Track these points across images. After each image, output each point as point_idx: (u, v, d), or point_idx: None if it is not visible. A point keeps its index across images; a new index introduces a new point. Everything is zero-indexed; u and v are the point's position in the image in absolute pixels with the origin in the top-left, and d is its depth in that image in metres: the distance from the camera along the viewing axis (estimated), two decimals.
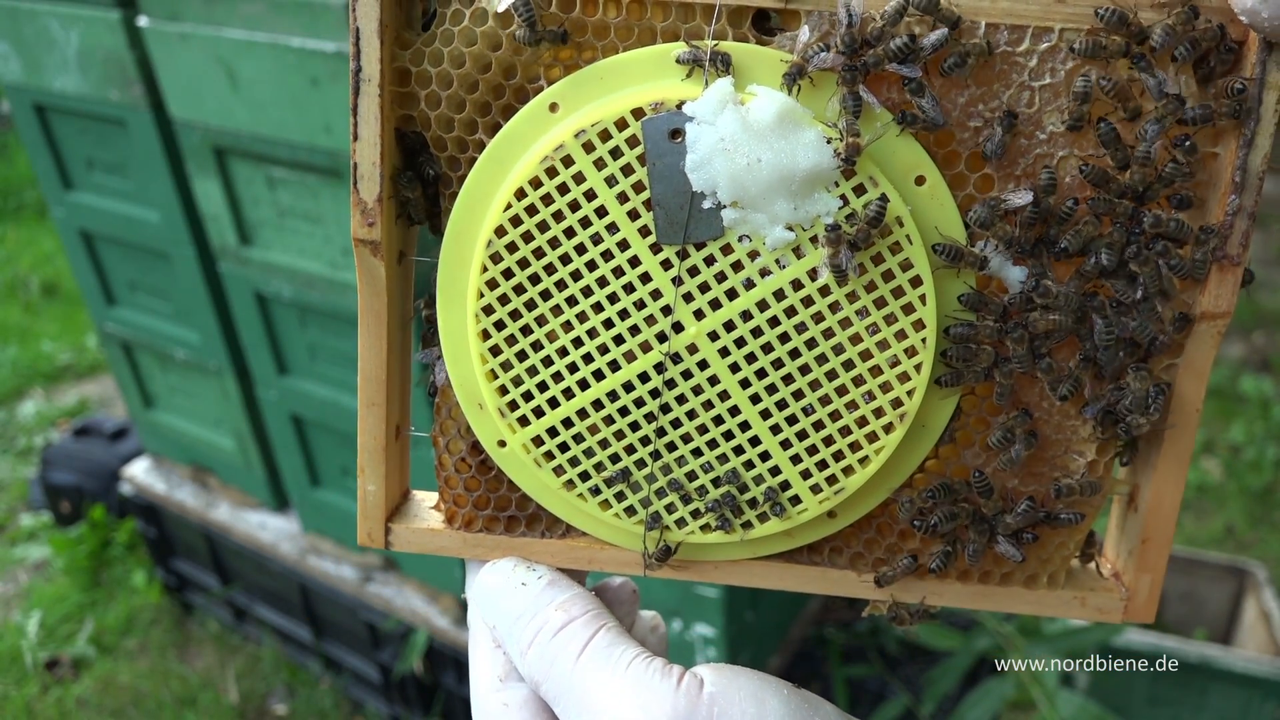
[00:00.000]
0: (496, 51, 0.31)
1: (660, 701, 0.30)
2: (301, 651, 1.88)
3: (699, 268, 0.31)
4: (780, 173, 0.28)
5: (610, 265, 0.31)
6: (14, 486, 2.49)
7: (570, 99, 0.30)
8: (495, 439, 0.35)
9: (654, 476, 0.33)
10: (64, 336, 3.12)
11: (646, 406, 0.32)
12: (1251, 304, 2.96)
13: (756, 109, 0.29)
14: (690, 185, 0.29)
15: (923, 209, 0.29)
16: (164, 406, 1.87)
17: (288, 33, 1.16)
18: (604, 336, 0.32)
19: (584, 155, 0.30)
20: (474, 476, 0.36)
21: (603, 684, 0.31)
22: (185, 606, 2.07)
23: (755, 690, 0.31)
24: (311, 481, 1.65)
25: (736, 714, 0.30)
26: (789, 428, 0.32)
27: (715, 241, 0.30)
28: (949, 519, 0.32)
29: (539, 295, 0.32)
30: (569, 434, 0.33)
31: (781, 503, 0.32)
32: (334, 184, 1.26)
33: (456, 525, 0.37)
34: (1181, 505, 1.89)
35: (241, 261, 1.44)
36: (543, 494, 0.35)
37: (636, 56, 0.30)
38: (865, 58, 0.28)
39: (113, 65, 1.42)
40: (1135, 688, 1.67)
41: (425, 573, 1.58)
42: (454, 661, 1.57)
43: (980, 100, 0.29)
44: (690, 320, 0.31)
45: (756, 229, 0.29)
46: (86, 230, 1.68)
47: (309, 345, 1.47)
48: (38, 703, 1.87)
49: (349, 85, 0.32)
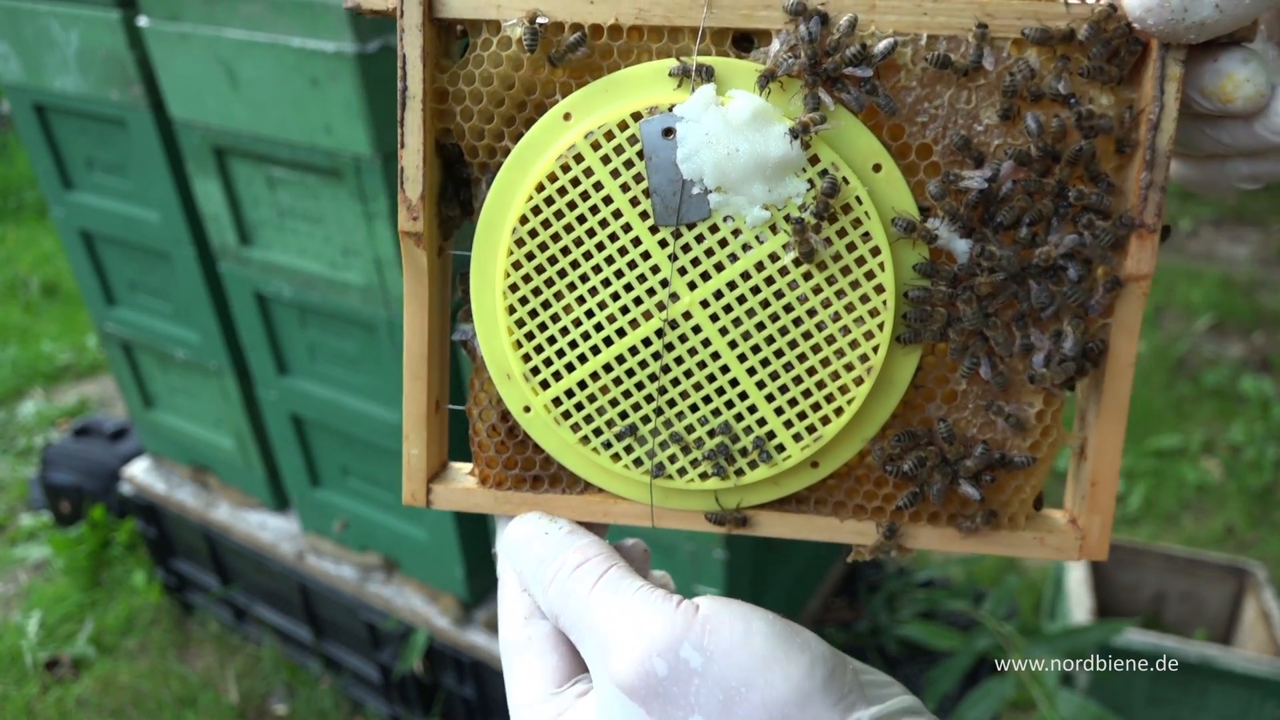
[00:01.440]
0: (518, 72, 0.38)
1: (658, 621, 0.35)
2: (301, 651, 1.88)
3: (691, 245, 0.37)
4: (756, 160, 0.35)
5: (616, 245, 0.37)
6: (14, 486, 2.48)
7: (581, 108, 0.38)
8: (521, 405, 0.41)
9: (657, 430, 0.39)
10: (64, 336, 3.12)
11: (650, 368, 0.38)
12: (1251, 304, 2.96)
13: (734, 108, 0.36)
14: (681, 174, 0.36)
15: (880, 192, 0.36)
16: (164, 406, 1.87)
17: (288, 33, 1.16)
18: (612, 307, 0.38)
19: (592, 152, 0.37)
20: (503, 442, 0.42)
21: (609, 609, 0.36)
22: (185, 606, 2.07)
23: (744, 614, 0.35)
24: (311, 481, 1.65)
25: (726, 632, 0.34)
26: (772, 382, 0.38)
27: (704, 221, 0.37)
28: (917, 464, 0.38)
29: (556, 273, 0.38)
30: (584, 394, 0.39)
31: (768, 450, 0.39)
32: (334, 184, 1.26)
33: (489, 485, 0.44)
34: (1181, 505, 1.90)
35: (241, 261, 1.44)
36: (563, 452, 0.41)
37: (636, 72, 0.37)
38: (825, 65, 0.35)
39: (113, 65, 1.42)
40: (1135, 688, 1.67)
41: (425, 573, 1.58)
42: (454, 661, 1.57)
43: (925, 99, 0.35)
44: (685, 291, 0.37)
45: (738, 210, 0.36)
46: (86, 230, 1.68)
47: (309, 345, 1.47)
48: (38, 703, 1.87)
49: (398, 101, 0.38)
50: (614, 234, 0.38)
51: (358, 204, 1.24)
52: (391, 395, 1.41)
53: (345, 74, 1.13)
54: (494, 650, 1.49)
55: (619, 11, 0.37)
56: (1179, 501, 2.25)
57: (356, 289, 1.32)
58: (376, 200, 1.21)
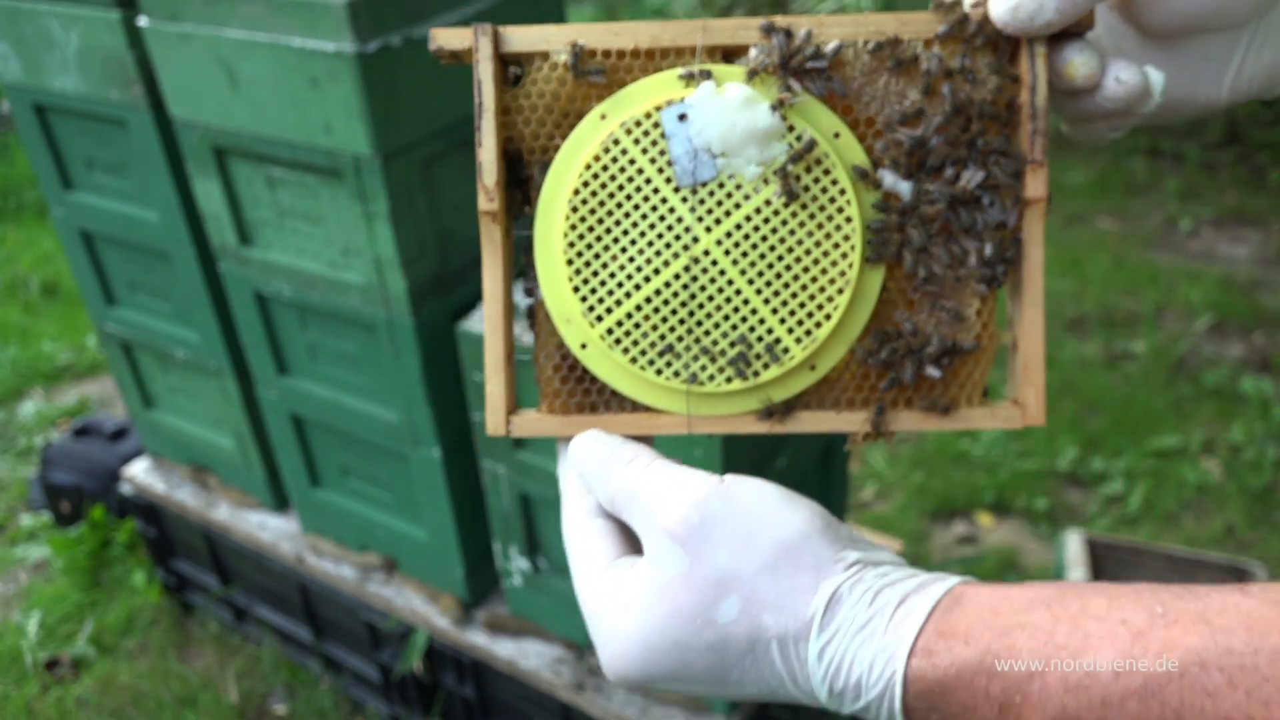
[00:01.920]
0: (563, 88, 0.51)
1: (693, 483, 0.46)
2: (301, 651, 1.88)
3: (705, 199, 0.50)
4: (749, 131, 0.49)
5: (649, 204, 0.50)
6: (14, 486, 2.48)
7: (612, 109, 0.50)
8: (579, 343, 0.52)
9: (689, 347, 0.51)
10: (64, 336, 3.12)
11: (680, 296, 0.50)
12: (1251, 304, 2.96)
13: (730, 95, 0.49)
14: (694, 146, 0.49)
15: (841, 152, 0.50)
16: (164, 406, 1.87)
17: (288, 33, 1.16)
18: (648, 251, 0.50)
19: (626, 136, 0.50)
20: (564, 377, 0.53)
21: (656, 482, 0.47)
22: (185, 606, 2.07)
23: (758, 480, 0.46)
24: (311, 481, 1.65)
25: (743, 490, 0.45)
26: (775, 299, 0.50)
27: (713, 180, 0.49)
28: (891, 354, 0.52)
29: (604, 230, 0.50)
30: (630, 324, 0.51)
31: (777, 353, 0.51)
32: (334, 184, 1.26)
33: (554, 414, 0.54)
34: (1181, 505, 1.89)
35: (241, 261, 1.44)
36: (615, 376, 0.53)
37: (655, 79, 0.51)
38: (792, 63, 0.49)
39: (113, 65, 1.42)
40: None
41: (425, 573, 1.58)
42: (454, 661, 1.57)
43: (867, 85, 0.50)
44: (703, 234, 0.50)
45: (738, 169, 0.49)
46: (86, 230, 1.68)
47: (309, 345, 1.47)
48: (38, 703, 1.87)
49: (475, 113, 0.51)
50: (646, 195, 0.50)
51: (358, 204, 1.24)
52: (391, 395, 1.41)
53: (345, 74, 1.13)
54: (494, 650, 1.50)
55: (636, 40, 0.50)
56: (1179, 501, 2.25)
57: (356, 289, 1.32)
58: (376, 200, 1.21)
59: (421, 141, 1.23)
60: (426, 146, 1.24)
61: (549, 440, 1.30)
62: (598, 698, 1.41)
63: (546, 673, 1.45)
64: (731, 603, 0.43)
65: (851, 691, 0.41)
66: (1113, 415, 2.52)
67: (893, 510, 2.29)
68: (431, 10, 1.19)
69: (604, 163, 0.50)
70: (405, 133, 1.20)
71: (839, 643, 0.42)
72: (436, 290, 1.32)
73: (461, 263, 1.35)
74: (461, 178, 1.32)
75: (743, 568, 0.43)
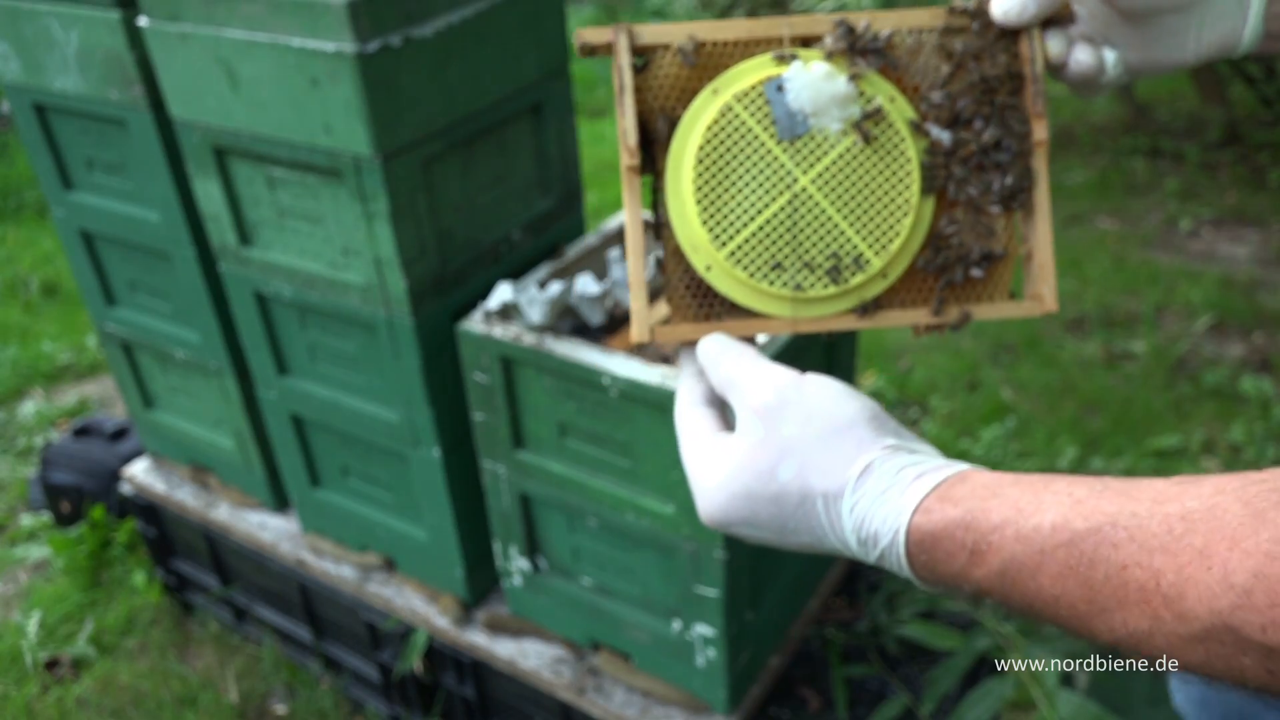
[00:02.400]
0: (681, 72, 0.65)
1: (776, 373, 0.60)
2: (301, 651, 1.88)
3: (800, 148, 0.64)
4: (831, 97, 0.63)
5: (757, 155, 0.64)
6: (14, 486, 2.48)
7: (723, 85, 0.64)
8: (704, 266, 0.66)
9: (794, 262, 0.65)
10: (64, 336, 3.12)
11: (785, 224, 0.65)
12: (1251, 304, 2.96)
13: (815, 70, 0.63)
14: (790, 109, 0.63)
15: (898, 110, 0.65)
16: (164, 406, 1.87)
17: (288, 33, 1.16)
18: (759, 191, 0.64)
19: (738, 104, 0.63)
20: (693, 295, 0.67)
21: (750, 374, 0.61)
22: (185, 606, 2.07)
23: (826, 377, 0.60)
24: (311, 481, 1.65)
25: (812, 383, 0.59)
26: (858, 222, 0.65)
27: (806, 134, 0.64)
28: (945, 261, 0.67)
29: (724, 177, 0.64)
30: (748, 247, 0.65)
31: (861, 263, 0.65)
32: (334, 184, 1.26)
33: (685, 322, 0.67)
34: None
35: (241, 261, 1.44)
36: (734, 290, 0.66)
37: (753, 62, 0.65)
38: (857, 46, 0.64)
39: (113, 65, 1.42)
40: (1135, 688, 1.67)
41: (425, 573, 1.58)
42: (454, 661, 1.57)
43: (912, 62, 0.65)
44: (801, 175, 0.64)
45: (824, 125, 0.64)
46: (86, 230, 1.68)
47: (309, 345, 1.47)
48: (38, 703, 1.87)
49: (615, 92, 0.65)
50: (755, 148, 0.64)
51: (358, 204, 1.24)
52: (391, 395, 1.41)
53: (345, 74, 1.13)
54: (494, 650, 1.50)
55: (736, 33, 0.65)
56: None
57: (356, 289, 1.32)
58: (376, 200, 1.21)
59: (421, 141, 1.23)
60: (426, 146, 1.24)
61: (548, 439, 1.30)
62: (598, 698, 1.41)
63: (546, 673, 1.45)
64: (790, 464, 0.56)
65: (871, 540, 0.54)
66: (1113, 415, 2.52)
67: None
68: (431, 10, 1.19)
69: (721, 124, 0.64)
70: (405, 133, 1.20)
71: (865, 502, 0.54)
72: (436, 290, 1.32)
73: (461, 263, 1.35)
74: (461, 178, 1.32)
75: (802, 439, 0.56)
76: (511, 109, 1.36)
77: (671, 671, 1.38)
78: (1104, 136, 4.08)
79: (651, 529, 1.25)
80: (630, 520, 1.27)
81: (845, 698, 1.46)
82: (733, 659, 1.32)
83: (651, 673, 1.40)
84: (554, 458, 1.31)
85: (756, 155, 0.64)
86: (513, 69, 1.34)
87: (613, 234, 1.51)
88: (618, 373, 1.17)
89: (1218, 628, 0.41)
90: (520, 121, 1.40)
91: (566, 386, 1.24)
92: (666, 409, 1.14)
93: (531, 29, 1.35)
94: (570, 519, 1.36)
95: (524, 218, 1.45)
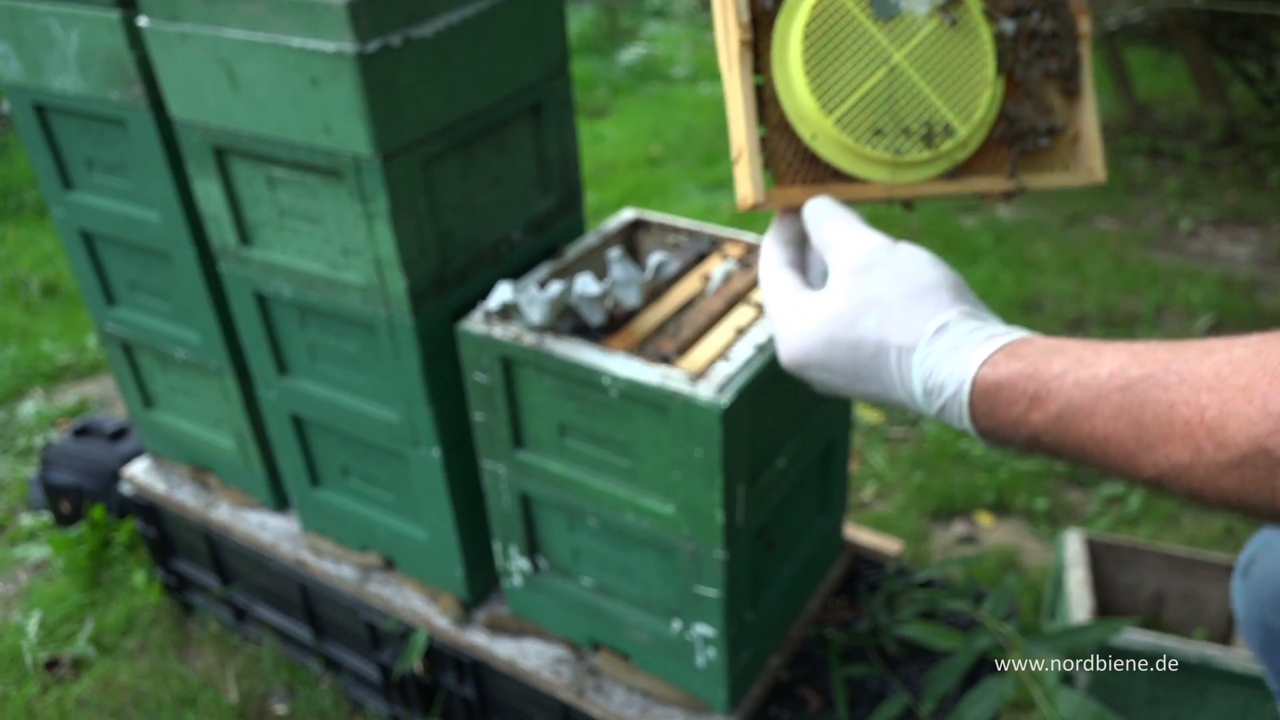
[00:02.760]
0: None
1: (871, 236, 0.66)
2: (301, 651, 1.88)
3: (894, 28, 0.71)
4: None
5: (857, 33, 0.71)
6: (14, 486, 2.48)
7: None
8: (810, 134, 0.71)
9: (893, 128, 0.71)
10: (64, 336, 3.12)
11: (883, 94, 0.71)
12: (1251, 304, 2.96)
13: None
14: None
15: (975, 10, 0.74)
16: (164, 406, 1.87)
17: (288, 33, 1.16)
18: (859, 65, 0.71)
19: None
20: (800, 161, 0.73)
21: (848, 235, 0.66)
22: (185, 606, 2.07)
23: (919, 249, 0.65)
24: (311, 481, 1.65)
25: (903, 252, 0.65)
26: (946, 93, 0.72)
27: (899, 16, 0.71)
28: (1017, 132, 0.76)
29: (827, 52, 0.70)
30: (852, 114, 0.71)
31: (949, 131, 0.72)
32: (334, 184, 1.26)
33: (790, 187, 0.72)
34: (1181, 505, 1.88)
35: (241, 261, 1.44)
36: (837, 155, 0.72)
37: None
38: None
39: (113, 65, 1.42)
40: (1135, 688, 1.67)
41: (425, 573, 1.58)
42: (454, 661, 1.57)
43: None
44: (895, 52, 0.71)
45: (914, 8, 0.71)
46: (86, 230, 1.68)
47: (309, 345, 1.47)
48: (38, 703, 1.87)
49: None
50: (855, 27, 0.70)
51: (358, 204, 1.24)
52: (391, 395, 1.41)
53: (345, 74, 1.13)
54: (494, 650, 1.50)
55: None
56: (1179, 501, 2.25)
57: (356, 289, 1.32)
58: (376, 200, 1.21)
59: (421, 141, 1.23)
60: (426, 146, 1.24)
61: (548, 439, 1.30)
62: (598, 698, 1.41)
63: (546, 673, 1.45)
64: (873, 317, 0.61)
65: (936, 390, 0.59)
66: None
67: (893, 510, 2.28)
68: (431, 10, 1.19)
69: (824, 5, 0.71)
70: (405, 133, 1.20)
71: (935, 357, 0.59)
72: (436, 290, 1.32)
73: (461, 263, 1.35)
74: (461, 178, 1.32)
75: (887, 296, 0.62)
76: (511, 109, 1.36)
77: (671, 671, 1.38)
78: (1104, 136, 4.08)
79: (651, 529, 1.25)
80: (630, 520, 1.27)
81: (845, 698, 1.46)
82: (733, 659, 1.32)
83: (651, 673, 1.40)
84: (554, 458, 1.31)
85: (856, 34, 0.70)
86: (513, 69, 1.34)
87: (613, 234, 1.51)
88: (618, 373, 1.17)
89: (1254, 452, 0.44)
90: (520, 121, 1.40)
91: (566, 386, 1.24)
92: (667, 409, 1.14)
93: (531, 29, 1.35)
94: (570, 519, 1.36)
95: (524, 218, 1.45)
